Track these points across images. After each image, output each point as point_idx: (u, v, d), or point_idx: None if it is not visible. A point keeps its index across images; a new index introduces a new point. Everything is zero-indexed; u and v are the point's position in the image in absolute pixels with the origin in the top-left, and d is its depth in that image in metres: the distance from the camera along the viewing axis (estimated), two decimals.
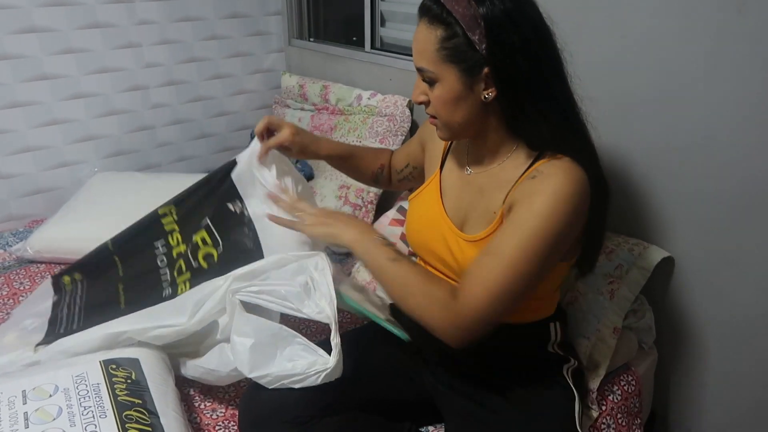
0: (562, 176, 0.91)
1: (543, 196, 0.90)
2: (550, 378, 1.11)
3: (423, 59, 0.94)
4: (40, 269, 1.68)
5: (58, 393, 0.99)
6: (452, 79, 0.92)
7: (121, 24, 2.02)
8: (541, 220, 0.88)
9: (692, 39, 1.22)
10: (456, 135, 1.02)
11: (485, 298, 0.89)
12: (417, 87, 0.98)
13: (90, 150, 2.08)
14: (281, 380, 1.01)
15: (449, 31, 0.90)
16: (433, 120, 1.00)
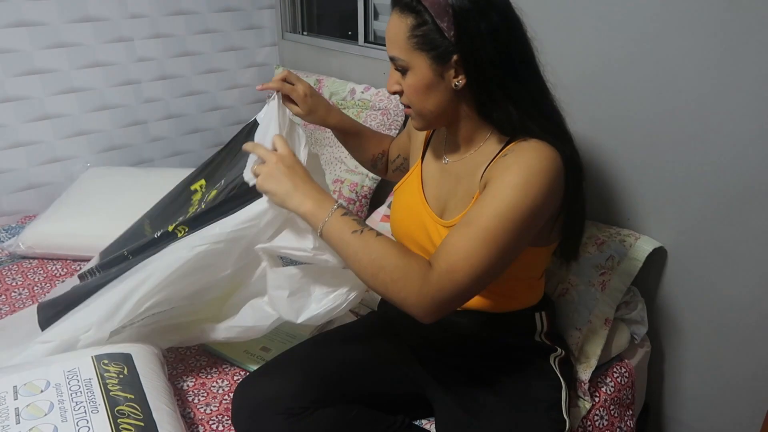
0: (534, 152, 0.92)
1: (516, 169, 0.90)
2: (537, 368, 1.11)
3: (395, 48, 0.96)
4: (33, 265, 1.67)
5: (50, 388, 0.99)
6: (423, 67, 0.94)
7: (112, 18, 2.00)
8: (516, 192, 0.89)
9: (685, 31, 1.22)
10: (429, 124, 1.03)
11: (465, 267, 0.87)
12: (391, 77, 1.00)
13: (82, 145, 2.07)
14: (328, 315, 1.05)
15: (419, 19, 0.92)
16: (408, 110, 1.02)
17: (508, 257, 0.91)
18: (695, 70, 1.23)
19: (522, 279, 1.08)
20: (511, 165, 0.91)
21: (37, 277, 1.62)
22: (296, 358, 1.13)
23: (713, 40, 1.19)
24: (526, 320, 1.12)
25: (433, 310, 0.89)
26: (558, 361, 1.13)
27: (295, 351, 1.16)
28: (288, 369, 1.10)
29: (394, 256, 0.89)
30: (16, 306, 1.49)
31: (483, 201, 0.91)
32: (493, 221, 0.88)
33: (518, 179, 0.89)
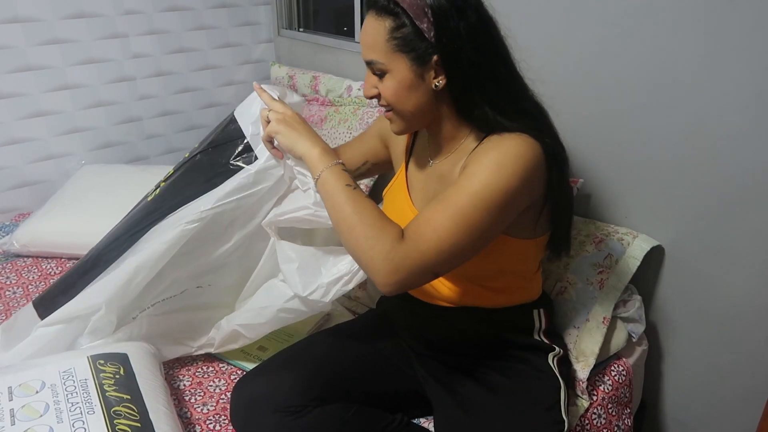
0: (512, 139, 0.92)
1: (493, 153, 0.91)
2: (536, 367, 1.11)
3: (373, 52, 0.95)
4: (27, 263, 1.66)
5: (45, 389, 0.98)
6: (403, 69, 0.94)
7: (107, 14, 1.98)
8: (490, 172, 0.89)
9: (684, 29, 1.22)
10: (410, 126, 1.02)
11: (434, 242, 0.88)
12: (367, 81, 0.99)
13: (77, 142, 2.05)
14: (335, 285, 1.05)
15: (397, 21, 0.92)
16: (388, 113, 1.01)
17: (478, 237, 0.90)
18: (692, 67, 1.23)
19: (516, 273, 1.08)
20: (489, 149, 0.93)
21: (32, 276, 1.61)
22: (293, 357, 1.13)
23: (710, 37, 1.19)
24: (524, 316, 1.12)
25: (395, 278, 0.88)
26: (557, 360, 1.12)
27: (292, 349, 1.16)
28: (285, 367, 1.09)
29: (374, 216, 0.91)
30: (11, 305, 1.47)
31: (458, 181, 0.92)
32: (464, 198, 0.88)
33: (493, 161, 0.90)
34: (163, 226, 1.15)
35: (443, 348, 1.14)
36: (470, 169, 0.92)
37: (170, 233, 1.13)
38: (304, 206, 1.07)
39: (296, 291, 1.08)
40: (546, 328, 1.14)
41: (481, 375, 1.10)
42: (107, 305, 1.13)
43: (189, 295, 1.24)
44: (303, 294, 1.07)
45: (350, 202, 0.92)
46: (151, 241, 1.14)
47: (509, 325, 1.12)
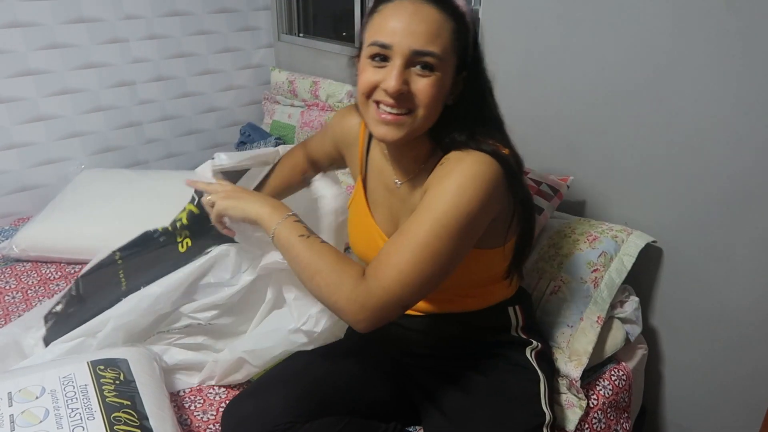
0: (469, 159, 0.89)
1: (451, 177, 0.88)
2: (514, 362, 1.10)
3: (433, 43, 0.86)
4: (26, 268, 1.66)
5: (45, 395, 0.98)
6: (449, 73, 0.90)
7: (107, 18, 1.99)
8: (450, 198, 0.87)
9: (682, 34, 1.23)
10: (413, 135, 0.93)
11: (396, 277, 0.86)
12: (400, 74, 0.87)
13: (76, 147, 2.05)
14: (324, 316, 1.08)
15: (459, 24, 0.89)
16: (399, 117, 0.89)
17: (445, 264, 0.89)
18: (690, 69, 1.23)
19: (489, 278, 1.07)
20: (447, 172, 0.90)
21: (31, 281, 1.60)
22: (281, 376, 1.11)
23: (710, 41, 1.19)
24: (499, 315, 1.12)
25: (363, 317, 0.88)
26: (535, 353, 1.12)
27: (279, 369, 1.14)
28: (274, 386, 1.07)
29: (331, 261, 0.91)
30: (10, 309, 1.47)
31: (419, 211, 0.89)
32: (424, 229, 0.87)
33: (453, 186, 0.87)
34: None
35: (423, 355, 1.13)
36: (429, 196, 0.89)
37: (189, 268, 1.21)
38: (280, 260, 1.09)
39: (293, 321, 1.12)
40: (523, 325, 1.13)
41: (461, 377, 1.09)
42: (115, 320, 1.17)
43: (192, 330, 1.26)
44: (297, 325, 1.10)
45: (306, 252, 0.92)
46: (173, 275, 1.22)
47: (485, 325, 1.11)
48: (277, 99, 2.30)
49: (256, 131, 2.30)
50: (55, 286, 1.58)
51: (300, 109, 2.17)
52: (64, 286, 1.57)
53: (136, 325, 1.21)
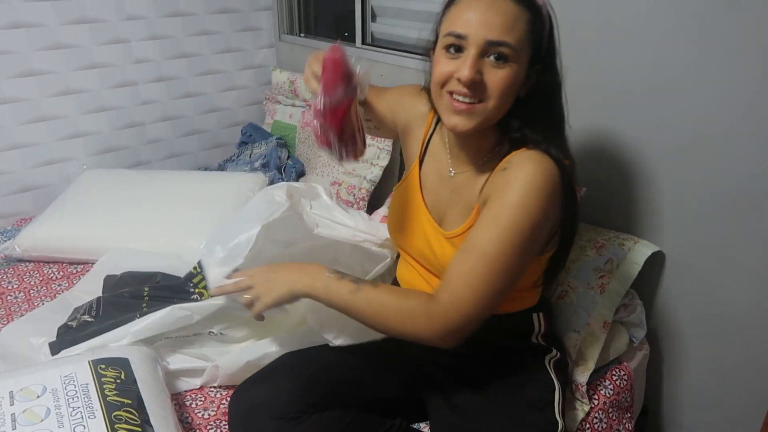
0: (531, 166, 0.90)
1: (515, 188, 0.89)
2: (532, 369, 1.11)
3: (509, 34, 0.87)
4: (29, 268, 1.66)
5: (46, 393, 0.98)
6: (523, 65, 0.91)
7: (109, 19, 1.99)
8: (516, 212, 0.88)
9: (683, 35, 1.22)
10: (484, 125, 0.94)
11: (470, 295, 0.89)
12: (474, 63, 0.88)
13: (79, 147, 2.06)
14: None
15: (535, 17, 0.90)
16: (471, 106, 0.90)
17: (513, 276, 0.91)
18: (692, 71, 1.23)
19: (519, 287, 1.07)
20: (510, 181, 0.90)
21: (33, 281, 1.61)
22: (291, 364, 1.12)
23: (710, 43, 1.19)
24: (524, 321, 1.12)
25: (450, 338, 0.92)
26: (553, 362, 1.12)
27: (290, 356, 1.16)
28: (283, 374, 1.09)
29: (394, 303, 0.92)
30: (12, 309, 1.48)
31: (482, 224, 0.91)
32: (495, 246, 0.88)
33: (517, 199, 0.88)
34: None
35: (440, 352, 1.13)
36: (494, 208, 0.90)
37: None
38: None
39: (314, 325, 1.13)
40: (545, 332, 1.14)
41: (477, 378, 1.10)
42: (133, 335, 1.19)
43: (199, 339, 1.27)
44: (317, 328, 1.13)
45: (365, 306, 0.93)
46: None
47: (509, 330, 1.11)
48: (278, 99, 2.31)
49: (257, 131, 2.30)
50: (57, 286, 1.59)
51: (301, 109, 2.18)
52: (66, 287, 1.58)
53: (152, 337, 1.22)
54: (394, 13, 2.01)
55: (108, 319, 1.26)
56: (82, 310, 1.30)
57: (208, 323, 1.26)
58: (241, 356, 1.20)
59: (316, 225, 1.25)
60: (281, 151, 2.15)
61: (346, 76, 0.94)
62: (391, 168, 1.91)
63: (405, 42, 1.97)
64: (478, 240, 0.90)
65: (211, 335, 1.27)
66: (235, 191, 1.83)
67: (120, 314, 1.26)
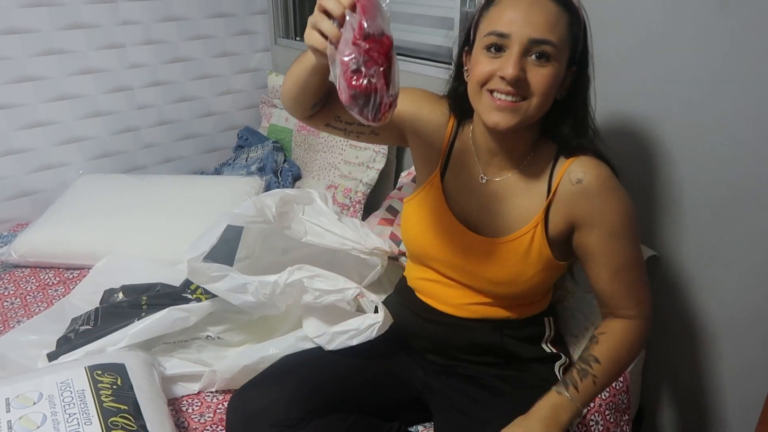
0: (601, 170, 0.98)
1: (611, 196, 0.98)
2: (542, 376, 1.11)
3: (552, 33, 0.89)
4: (25, 273, 1.66)
5: (43, 400, 0.98)
6: (563, 64, 0.93)
7: (104, 24, 1.99)
8: (627, 218, 0.98)
9: (674, 39, 1.23)
10: (527, 122, 0.94)
11: (647, 298, 1.04)
12: (518, 61, 0.88)
13: (75, 152, 2.06)
14: (340, 336, 1.11)
15: (573, 18, 0.92)
16: (516, 103, 0.91)
17: None
18: (687, 76, 1.23)
19: (540, 290, 1.10)
20: (602, 193, 0.97)
21: (30, 286, 1.61)
22: (290, 368, 1.12)
23: (704, 46, 1.19)
24: (537, 325, 1.13)
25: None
26: (563, 369, 1.13)
27: (288, 360, 1.15)
28: (282, 379, 1.08)
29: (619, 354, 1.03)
30: (8, 315, 1.47)
31: (612, 241, 0.99)
32: (633, 253, 1.00)
33: (620, 205, 0.98)
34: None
35: (450, 355, 1.13)
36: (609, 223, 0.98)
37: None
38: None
39: (307, 332, 1.18)
40: (554, 336, 1.15)
41: (486, 382, 1.10)
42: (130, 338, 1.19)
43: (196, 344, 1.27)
44: (311, 335, 1.16)
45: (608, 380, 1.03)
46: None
47: (522, 333, 1.12)
48: (274, 102, 2.31)
49: (253, 135, 2.31)
50: (54, 291, 1.59)
51: None
52: (63, 292, 1.58)
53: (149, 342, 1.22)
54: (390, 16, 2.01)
55: (106, 327, 1.26)
56: (80, 321, 1.30)
57: (206, 326, 1.26)
58: (239, 360, 1.20)
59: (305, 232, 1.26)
60: (277, 154, 2.16)
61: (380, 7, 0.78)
62: (386, 171, 1.91)
63: (401, 45, 1.97)
64: (625, 256, 1.00)
65: (208, 339, 1.27)
66: (231, 195, 1.83)
67: (118, 322, 1.27)
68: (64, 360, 1.18)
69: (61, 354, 1.21)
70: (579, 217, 0.99)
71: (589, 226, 0.99)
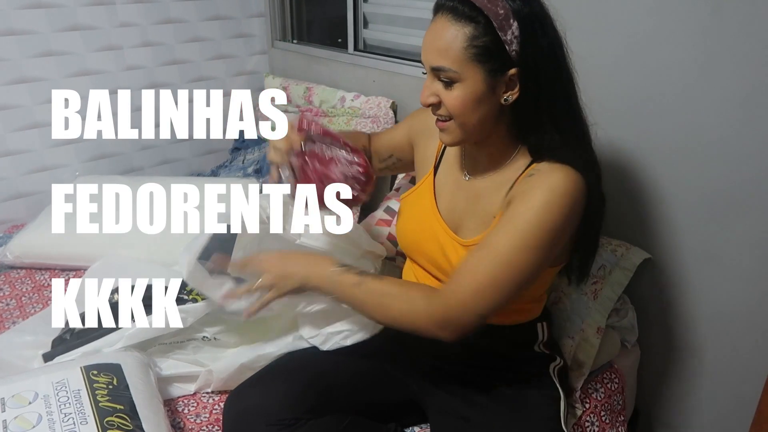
0: (559, 173, 0.91)
1: (539, 191, 0.90)
2: (537, 377, 1.11)
3: (445, 58, 0.89)
4: (20, 275, 1.65)
5: (38, 400, 0.98)
6: (477, 80, 0.90)
7: (101, 26, 2.00)
8: (535, 214, 0.88)
9: (669, 42, 1.24)
10: (466, 139, 0.98)
11: (473, 287, 0.89)
12: (427, 88, 0.94)
13: (71, 153, 2.05)
14: (335, 337, 1.11)
15: (480, 29, 0.87)
16: (444, 123, 0.96)
17: (523, 278, 0.91)
18: (680, 78, 1.24)
19: (530, 296, 1.09)
20: (535, 187, 0.91)
21: (25, 288, 1.60)
22: (286, 368, 1.12)
23: (697, 48, 1.20)
24: (529, 331, 1.13)
25: (448, 330, 0.92)
26: (557, 370, 1.13)
27: (284, 361, 1.15)
28: (279, 379, 1.08)
29: (395, 291, 0.95)
30: (4, 317, 1.47)
31: (502, 224, 0.91)
32: (506, 243, 0.89)
33: (539, 201, 0.89)
34: None
35: (445, 358, 1.13)
36: (515, 210, 0.91)
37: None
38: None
39: (302, 333, 1.17)
40: (547, 339, 1.15)
41: (481, 385, 1.10)
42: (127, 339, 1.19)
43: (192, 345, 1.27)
44: (306, 336, 1.16)
45: (367, 297, 0.96)
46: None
47: (514, 338, 1.12)
48: None
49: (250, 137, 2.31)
50: (49, 292, 1.58)
51: (294, 114, 2.18)
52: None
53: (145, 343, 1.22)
54: (386, 19, 2.03)
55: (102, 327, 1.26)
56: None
57: (202, 327, 1.26)
58: (235, 359, 1.20)
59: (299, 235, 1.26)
60: None
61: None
62: None
63: (397, 48, 1.99)
64: (494, 238, 0.91)
65: (204, 340, 1.27)
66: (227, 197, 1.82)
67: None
68: (60, 360, 1.18)
69: (57, 355, 1.20)
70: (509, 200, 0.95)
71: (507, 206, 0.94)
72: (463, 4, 0.88)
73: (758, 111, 1.15)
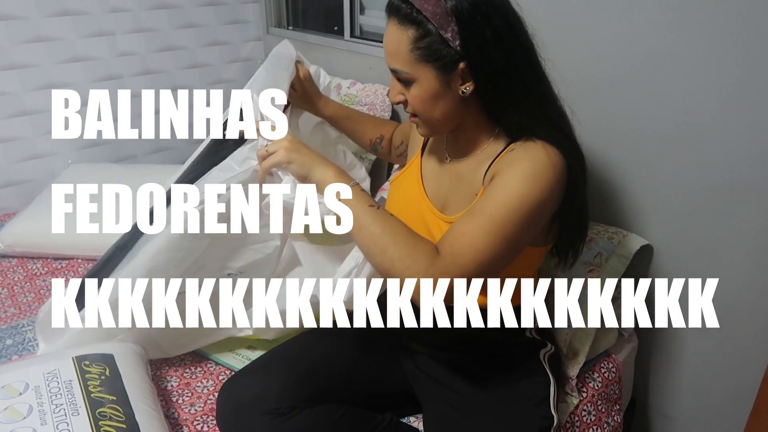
0: (540, 148, 0.92)
1: (525, 162, 0.90)
2: (527, 363, 1.11)
3: (396, 61, 0.93)
4: (12, 264, 1.64)
5: (29, 391, 0.97)
6: (429, 78, 0.92)
7: (93, 11, 1.96)
8: (525, 183, 0.89)
9: (668, 27, 1.22)
10: (437, 131, 1.03)
11: (472, 255, 0.87)
12: (393, 87, 0.99)
13: (63, 142, 2.03)
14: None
15: (421, 30, 0.90)
16: (414, 118, 1.01)
17: (513, 248, 0.90)
18: (683, 70, 1.23)
19: (515, 277, 1.08)
20: (520, 158, 0.91)
21: (17, 276, 1.58)
22: (282, 357, 1.12)
23: (701, 36, 1.19)
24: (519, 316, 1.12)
25: (441, 290, 0.87)
26: (547, 356, 1.13)
27: (280, 350, 1.15)
28: (274, 368, 1.08)
29: (404, 235, 0.89)
30: None
31: (490, 192, 0.91)
32: (500, 211, 0.88)
33: (527, 171, 0.89)
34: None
35: (435, 345, 1.13)
36: (503, 178, 0.91)
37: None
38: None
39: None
40: (538, 327, 1.14)
41: (472, 371, 1.10)
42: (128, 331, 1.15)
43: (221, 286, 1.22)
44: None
45: (377, 222, 0.89)
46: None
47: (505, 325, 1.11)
48: None
49: None
50: (42, 281, 1.57)
51: None
52: (50, 282, 1.55)
53: None
54: (382, 5, 2.00)
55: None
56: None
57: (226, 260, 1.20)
58: None
59: None
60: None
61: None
62: (379, 162, 1.90)
63: None
64: (486, 205, 0.89)
65: (230, 276, 1.22)
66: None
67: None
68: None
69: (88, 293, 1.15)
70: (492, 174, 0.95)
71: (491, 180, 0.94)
72: (405, 5, 0.90)
73: (757, 101, 1.14)
